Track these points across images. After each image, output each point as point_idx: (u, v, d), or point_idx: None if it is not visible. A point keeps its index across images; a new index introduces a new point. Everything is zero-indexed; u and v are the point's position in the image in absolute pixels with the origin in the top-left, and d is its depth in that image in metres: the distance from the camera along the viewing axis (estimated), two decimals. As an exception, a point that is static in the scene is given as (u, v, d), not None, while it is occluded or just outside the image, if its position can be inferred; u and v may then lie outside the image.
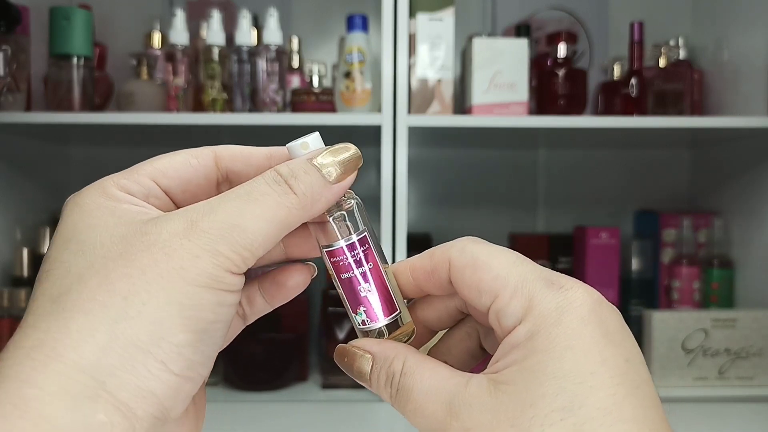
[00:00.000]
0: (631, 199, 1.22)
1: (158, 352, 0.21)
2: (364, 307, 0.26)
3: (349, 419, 0.83)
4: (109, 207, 0.23)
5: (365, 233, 0.26)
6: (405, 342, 0.27)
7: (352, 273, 0.26)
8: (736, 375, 0.93)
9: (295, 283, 0.28)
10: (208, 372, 0.23)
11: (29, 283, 0.95)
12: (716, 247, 1.06)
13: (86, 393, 0.19)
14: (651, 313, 0.93)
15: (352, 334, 0.92)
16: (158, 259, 0.21)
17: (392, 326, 0.26)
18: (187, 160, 0.26)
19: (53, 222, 1.08)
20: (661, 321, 0.92)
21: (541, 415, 0.21)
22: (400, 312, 0.27)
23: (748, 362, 0.93)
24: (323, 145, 0.26)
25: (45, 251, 0.98)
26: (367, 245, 0.26)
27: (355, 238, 0.26)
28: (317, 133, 0.26)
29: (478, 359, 0.29)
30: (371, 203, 0.91)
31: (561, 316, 0.22)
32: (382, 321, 0.26)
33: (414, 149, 1.16)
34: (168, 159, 0.26)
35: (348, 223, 0.26)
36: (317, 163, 0.24)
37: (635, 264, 1.08)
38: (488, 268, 0.24)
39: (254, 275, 0.28)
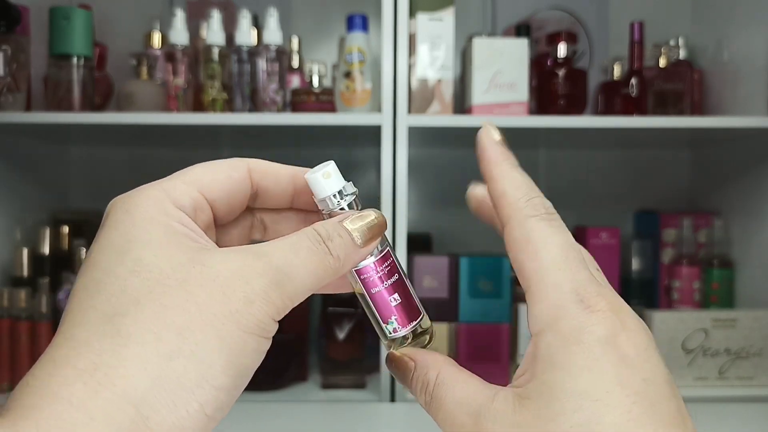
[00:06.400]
0: (631, 199, 1.22)
1: (200, 393, 0.21)
2: (395, 315, 0.28)
3: (349, 419, 0.83)
4: (162, 223, 0.23)
5: (388, 248, 0.28)
6: (427, 344, 0.29)
7: (382, 286, 0.27)
8: (736, 375, 0.93)
9: None
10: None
11: (29, 283, 0.95)
12: (716, 247, 1.06)
13: (131, 426, 0.19)
14: (651, 313, 0.93)
15: (352, 335, 0.92)
16: (217, 299, 0.22)
17: (417, 330, 0.28)
18: (229, 174, 0.26)
19: (53, 222, 1.08)
20: (661, 321, 0.92)
21: (560, 431, 0.21)
22: (423, 315, 0.29)
23: (748, 362, 0.93)
24: (339, 172, 0.27)
25: (44, 250, 0.98)
26: (391, 259, 0.28)
27: (381, 254, 0.27)
28: (332, 162, 0.27)
29: None
30: (371, 203, 0.91)
31: (581, 336, 0.22)
32: (409, 327, 0.28)
33: (414, 149, 1.16)
34: (211, 172, 0.26)
35: None
36: (347, 227, 0.26)
37: (635, 264, 1.08)
38: (533, 257, 0.24)
39: None
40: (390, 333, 0.28)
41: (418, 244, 1.09)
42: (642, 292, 1.08)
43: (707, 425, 0.83)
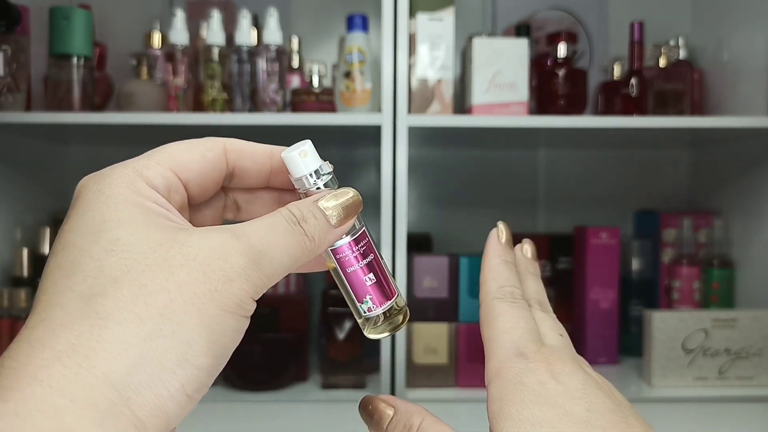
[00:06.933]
0: (631, 199, 1.22)
1: (181, 373, 0.21)
2: (370, 295, 0.28)
3: (349, 419, 0.83)
4: (137, 203, 0.23)
5: (364, 229, 0.28)
6: (401, 323, 0.30)
7: (358, 266, 0.28)
8: (736, 375, 0.93)
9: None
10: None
11: (29, 283, 0.95)
12: (716, 247, 1.06)
13: (112, 409, 0.19)
14: (651, 313, 0.93)
15: (352, 335, 0.92)
16: (197, 278, 0.21)
17: (392, 309, 0.29)
18: (204, 154, 0.26)
19: (53, 222, 1.08)
20: (661, 321, 0.92)
21: None
22: (398, 295, 0.29)
23: (748, 362, 0.93)
24: (317, 153, 0.27)
25: (44, 250, 0.98)
26: (366, 239, 0.28)
27: (356, 234, 0.28)
28: (309, 141, 0.27)
29: None
30: (371, 203, 0.91)
31: (522, 379, 0.26)
32: (385, 305, 0.29)
33: (414, 149, 1.16)
34: (186, 152, 0.26)
35: None
36: (322, 207, 0.26)
37: (635, 264, 1.08)
38: (491, 325, 0.28)
39: None
40: (365, 312, 0.29)
41: (418, 244, 1.10)
42: (642, 292, 1.08)
43: (707, 425, 0.83)
